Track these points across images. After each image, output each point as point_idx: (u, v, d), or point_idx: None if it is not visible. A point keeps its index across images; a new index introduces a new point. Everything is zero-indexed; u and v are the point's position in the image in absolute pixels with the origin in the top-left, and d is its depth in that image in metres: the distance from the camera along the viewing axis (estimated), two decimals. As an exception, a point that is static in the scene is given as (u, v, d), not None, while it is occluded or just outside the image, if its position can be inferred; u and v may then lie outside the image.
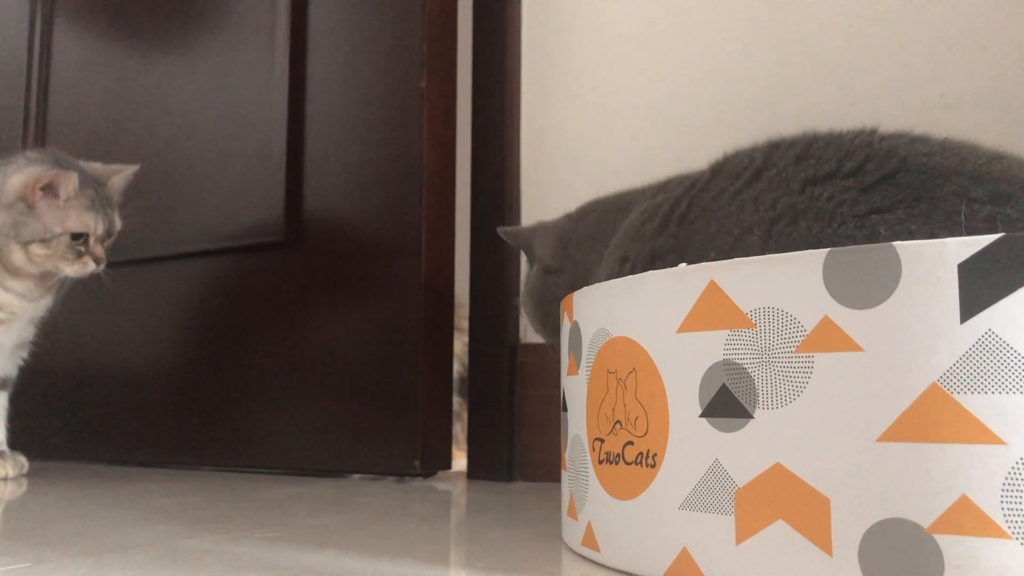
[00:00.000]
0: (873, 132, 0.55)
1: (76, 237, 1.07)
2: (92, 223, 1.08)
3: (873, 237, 0.49)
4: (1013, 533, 0.36)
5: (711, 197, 0.60)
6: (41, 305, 1.14)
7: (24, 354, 1.18)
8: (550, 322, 0.89)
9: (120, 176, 1.15)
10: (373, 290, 1.16)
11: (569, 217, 0.88)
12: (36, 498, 0.89)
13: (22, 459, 1.13)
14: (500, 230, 0.97)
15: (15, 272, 1.08)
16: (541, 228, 0.92)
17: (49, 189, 1.05)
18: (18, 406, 1.18)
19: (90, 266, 1.09)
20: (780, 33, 0.99)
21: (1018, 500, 0.36)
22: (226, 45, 1.33)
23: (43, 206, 1.05)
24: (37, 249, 1.06)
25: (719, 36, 1.02)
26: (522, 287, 0.94)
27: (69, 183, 1.05)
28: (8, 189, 1.05)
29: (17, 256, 1.06)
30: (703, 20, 1.04)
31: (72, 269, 1.08)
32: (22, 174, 1.05)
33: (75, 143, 1.49)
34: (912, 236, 0.46)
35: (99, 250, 1.09)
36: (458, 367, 1.32)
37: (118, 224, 1.12)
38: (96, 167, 1.14)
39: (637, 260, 0.65)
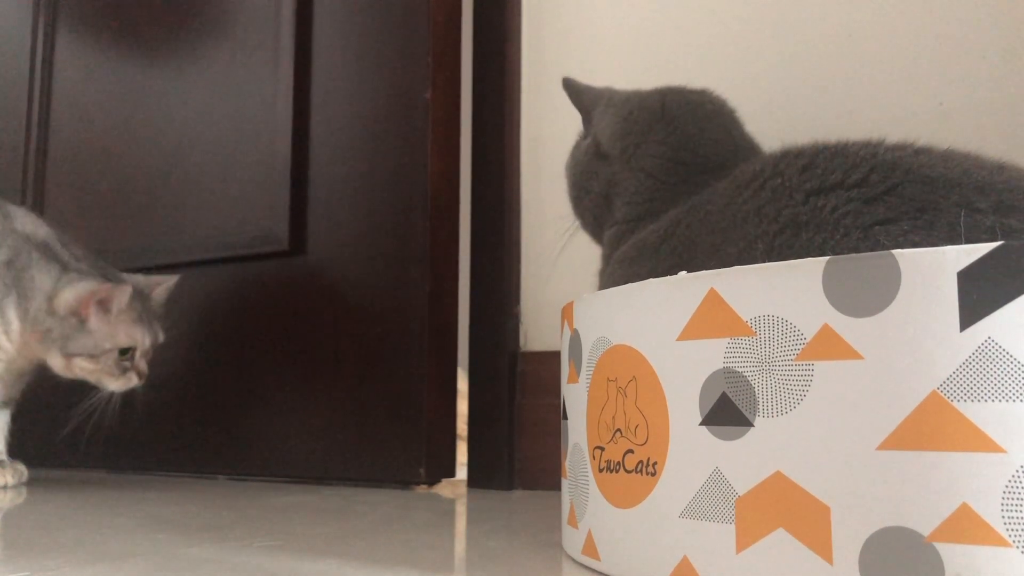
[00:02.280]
0: (879, 143, 0.55)
1: (123, 352, 1.06)
2: (140, 337, 1.07)
3: (876, 249, 0.49)
4: (1014, 541, 0.36)
5: (718, 209, 0.60)
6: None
7: (29, 379, 1.18)
8: (583, 205, 0.81)
9: (163, 288, 1.14)
10: (378, 299, 1.16)
11: (644, 105, 0.76)
12: (36, 506, 0.89)
13: (21, 467, 1.13)
14: (565, 79, 0.85)
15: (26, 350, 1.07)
16: (609, 98, 0.80)
17: (102, 304, 1.04)
18: (19, 414, 1.18)
19: (133, 382, 1.08)
20: (780, 42, 0.99)
21: (1018, 508, 0.36)
22: (230, 55, 1.34)
23: (95, 320, 1.04)
24: (83, 363, 1.05)
25: (718, 46, 1.03)
26: (569, 155, 0.85)
27: (123, 298, 1.05)
28: (60, 301, 1.04)
29: (56, 362, 1.06)
30: (702, 30, 1.04)
31: (116, 384, 1.07)
32: (76, 288, 1.03)
33: (77, 153, 1.50)
34: (916, 247, 0.46)
35: (143, 365, 1.09)
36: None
37: (161, 337, 1.12)
38: (139, 279, 1.13)
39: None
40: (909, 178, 0.50)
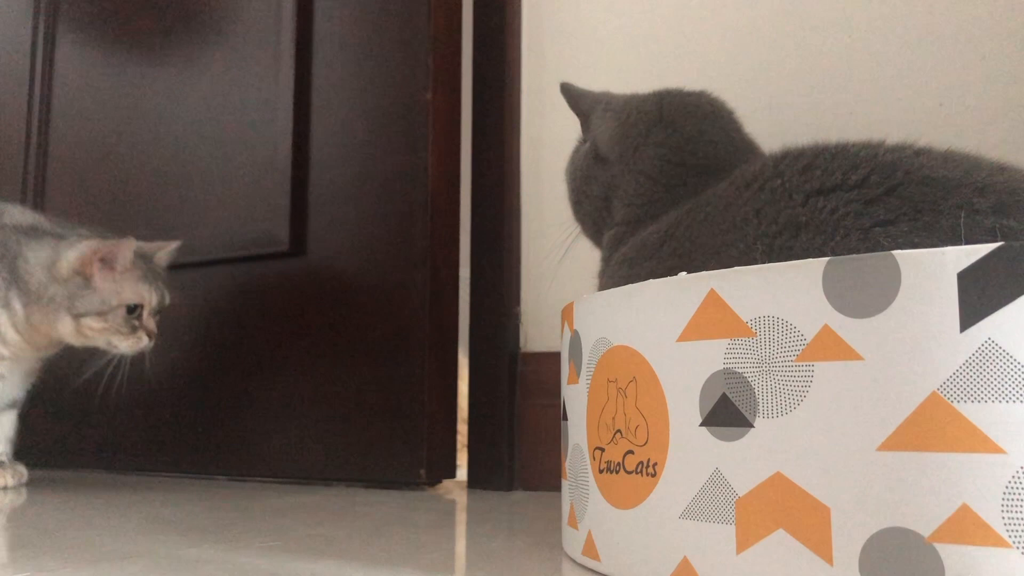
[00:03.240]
0: (880, 144, 0.55)
1: (131, 310, 1.06)
2: (147, 294, 1.07)
3: (876, 250, 0.49)
4: (1014, 542, 0.36)
5: (719, 210, 0.60)
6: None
7: (34, 379, 1.18)
8: (583, 210, 0.81)
9: (164, 252, 1.14)
10: (378, 299, 1.16)
11: (642, 109, 0.76)
12: (36, 507, 0.89)
13: (21, 468, 1.13)
14: (563, 84, 0.86)
15: (31, 338, 1.08)
16: (608, 103, 0.80)
17: (106, 261, 1.04)
18: (21, 415, 1.18)
19: (143, 341, 1.08)
20: (780, 42, 0.99)
21: (1019, 509, 0.36)
22: (231, 55, 1.34)
23: (99, 278, 1.05)
24: (92, 322, 1.05)
25: (718, 47, 1.03)
26: (568, 159, 0.85)
27: (127, 253, 1.05)
28: (63, 263, 1.04)
29: (65, 328, 1.06)
30: (702, 30, 1.04)
31: (126, 344, 1.07)
32: (78, 247, 1.04)
33: (78, 154, 1.50)
34: (915, 248, 0.46)
35: (151, 324, 1.09)
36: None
37: (168, 298, 1.12)
38: (140, 243, 1.13)
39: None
40: (909, 179, 0.50)
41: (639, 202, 0.73)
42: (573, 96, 0.84)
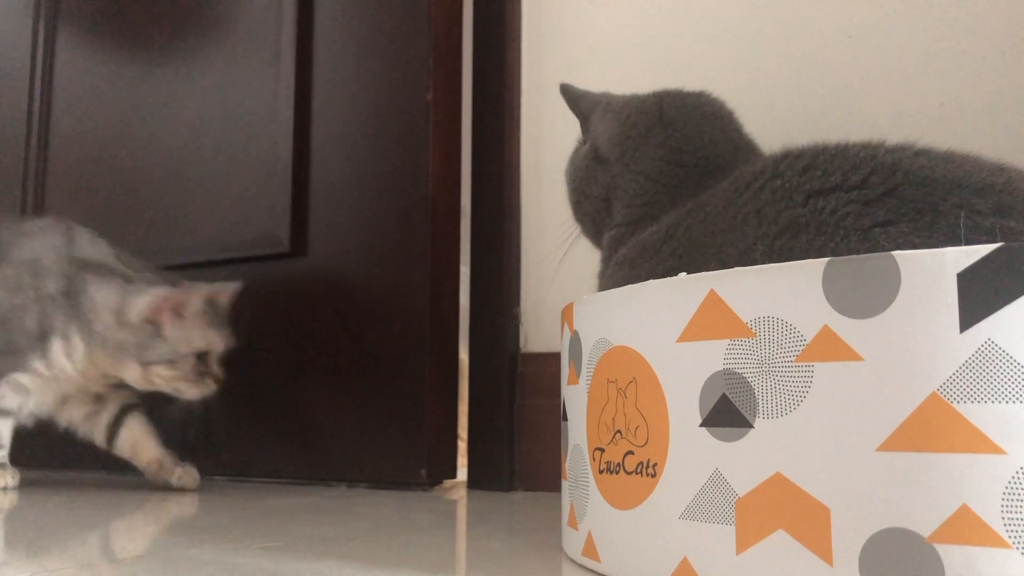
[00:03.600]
0: (879, 145, 0.55)
1: (199, 357, 1.05)
2: (215, 340, 1.06)
3: (876, 250, 0.49)
4: (1014, 543, 0.36)
5: (718, 210, 0.60)
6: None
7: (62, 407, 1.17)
8: (583, 210, 0.81)
9: (225, 295, 1.13)
10: (378, 300, 1.16)
11: (642, 109, 0.75)
12: (37, 507, 0.89)
13: (12, 471, 1.10)
14: (563, 85, 0.85)
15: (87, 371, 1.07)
16: (607, 104, 0.80)
17: (176, 309, 1.04)
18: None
19: (210, 387, 1.07)
20: (780, 43, 0.99)
21: (1018, 509, 0.36)
22: (232, 56, 1.34)
23: (170, 327, 1.03)
24: (162, 370, 1.04)
25: (718, 47, 1.03)
26: (568, 160, 0.85)
27: (197, 302, 1.04)
28: (133, 311, 1.03)
29: (132, 374, 1.05)
30: (701, 31, 1.04)
31: (194, 391, 1.06)
32: (148, 296, 1.03)
33: (78, 155, 1.50)
34: (916, 249, 0.46)
35: (217, 369, 1.08)
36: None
37: (231, 342, 1.10)
38: (204, 285, 1.12)
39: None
40: (909, 180, 0.50)
41: (639, 203, 0.73)
42: (573, 97, 0.84)
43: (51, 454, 1.44)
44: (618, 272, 0.69)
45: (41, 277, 1.06)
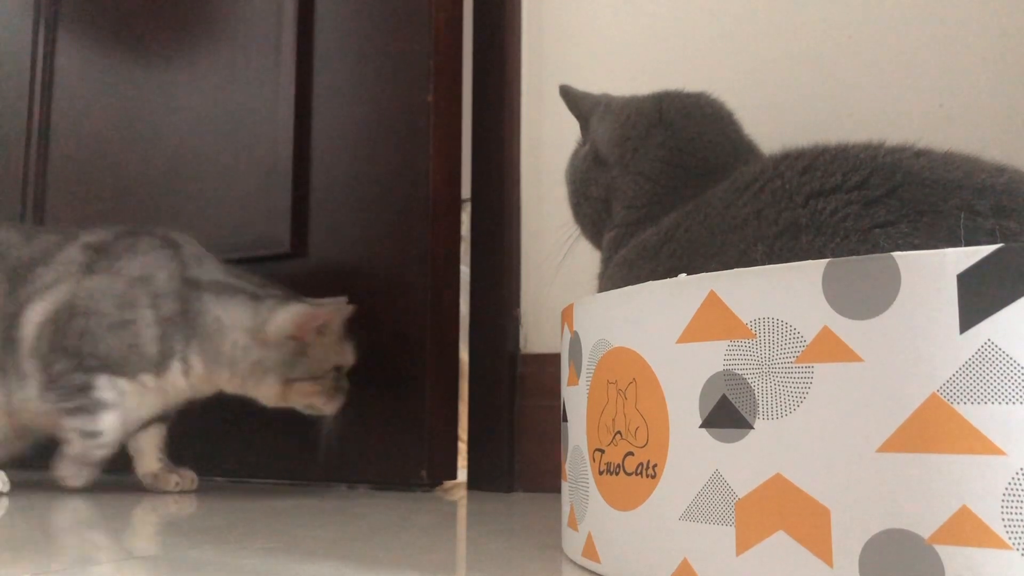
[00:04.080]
0: (879, 146, 0.55)
1: (335, 370, 1.05)
2: (349, 354, 1.06)
3: (876, 251, 0.49)
4: (1014, 544, 0.36)
5: (717, 211, 0.60)
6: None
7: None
8: (583, 212, 0.81)
9: (351, 309, 1.11)
10: (379, 301, 1.16)
11: (642, 110, 0.76)
12: (37, 508, 0.89)
13: (3, 476, 1.06)
14: (562, 87, 0.86)
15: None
16: (607, 105, 0.80)
17: (321, 327, 1.03)
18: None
19: (340, 400, 1.07)
20: (780, 43, 0.99)
21: (1018, 510, 0.36)
22: (232, 57, 1.34)
23: (316, 343, 1.03)
24: (304, 387, 1.03)
25: (718, 47, 1.03)
26: (568, 161, 0.85)
27: (342, 317, 1.04)
28: (273, 328, 1.02)
29: (269, 391, 1.04)
30: (702, 31, 1.04)
31: (330, 406, 1.06)
32: (290, 312, 1.02)
33: (78, 155, 1.50)
34: (915, 250, 0.46)
35: (345, 383, 1.07)
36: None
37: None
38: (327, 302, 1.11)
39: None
40: (909, 181, 0.50)
41: (639, 203, 0.73)
42: (572, 98, 0.84)
43: (51, 454, 1.44)
44: (618, 273, 0.69)
45: (158, 298, 1.04)
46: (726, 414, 0.44)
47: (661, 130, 0.73)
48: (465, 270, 1.18)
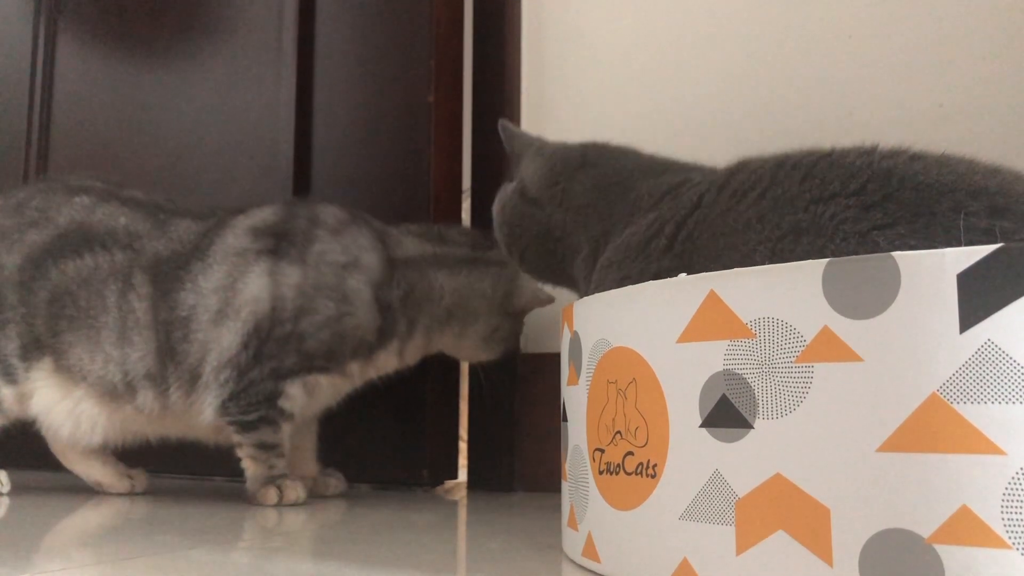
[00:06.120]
0: (874, 151, 0.56)
1: None
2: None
3: (874, 252, 0.49)
4: (1013, 543, 0.36)
5: (716, 215, 0.60)
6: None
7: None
8: (516, 250, 0.83)
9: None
10: (375, 300, 1.16)
11: (568, 156, 0.80)
12: (37, 508, 0.89)
13: (3, 477, 1.03)
14: (501, 122, 0.89)
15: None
16: (537, 148, 0.83)
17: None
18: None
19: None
20: (779, 44, 0.99)
21: (1018, 510, 0.36)
22: (233, 58, 1.34)
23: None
24: (497, 335, 1.04)
25: (718, 49, 1.03)
26: (496, 197, 0.86)
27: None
28: (522, 302, 1.03)
29: (484, 354, 1.05)
30: (701, 33, 1.04)
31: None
32: (532, 285, 1.02)
33: (79, 154, 1.50)
34: (912, 250, 0.46)
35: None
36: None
37: None
38: None
39: (641, 281, 0.65)
40: (904, 185, 0.51)
41: (592, 224, 0.75)
42: (509, 135, 0.88)
43: (51, 455, 1.44)
44: (607, 276, 0.70)
45: (374, 280, 0.96)
46: (726, 414, 0.44)
47: (586, 169, 0.78)
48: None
